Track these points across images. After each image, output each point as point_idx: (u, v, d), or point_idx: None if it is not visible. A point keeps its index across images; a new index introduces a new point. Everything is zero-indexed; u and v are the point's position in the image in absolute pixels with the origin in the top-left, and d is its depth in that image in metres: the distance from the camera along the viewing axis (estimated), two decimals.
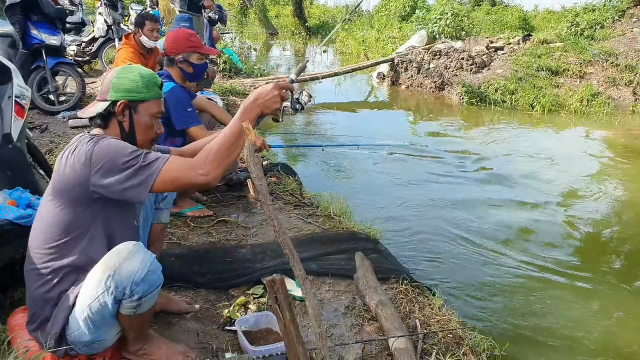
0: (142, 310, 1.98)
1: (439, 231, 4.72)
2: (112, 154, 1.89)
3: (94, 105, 2.13)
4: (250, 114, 1.97)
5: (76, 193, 1.94)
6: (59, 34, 6.30)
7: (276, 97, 1.99)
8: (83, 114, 2.16)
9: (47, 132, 5.80)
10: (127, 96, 2.10)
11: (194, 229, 3.65)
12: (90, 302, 1.90)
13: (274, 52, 19.23)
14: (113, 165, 1.88)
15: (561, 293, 3.80)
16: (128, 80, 2.10)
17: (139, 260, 1.91)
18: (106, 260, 1.91)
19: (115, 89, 2.09)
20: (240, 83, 9.48)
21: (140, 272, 1.89)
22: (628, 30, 11.72)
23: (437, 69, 10.88)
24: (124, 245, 1.95)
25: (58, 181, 1.97)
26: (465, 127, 8.51)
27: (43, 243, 2.00)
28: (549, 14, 16.74)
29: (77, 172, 1.91)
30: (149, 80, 2.15)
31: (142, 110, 2.14)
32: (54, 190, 1.99)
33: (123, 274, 1.87)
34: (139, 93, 2.12)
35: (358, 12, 21.94)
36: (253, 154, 1.96)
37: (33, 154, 3.28)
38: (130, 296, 1.90)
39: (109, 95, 2.09)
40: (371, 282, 2.91)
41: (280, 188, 4.61)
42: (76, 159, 1.91)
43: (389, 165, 6.31)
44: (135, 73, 2.13)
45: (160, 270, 1.99)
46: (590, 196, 5.61)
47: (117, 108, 2.08)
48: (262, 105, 1.98)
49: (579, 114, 8.88)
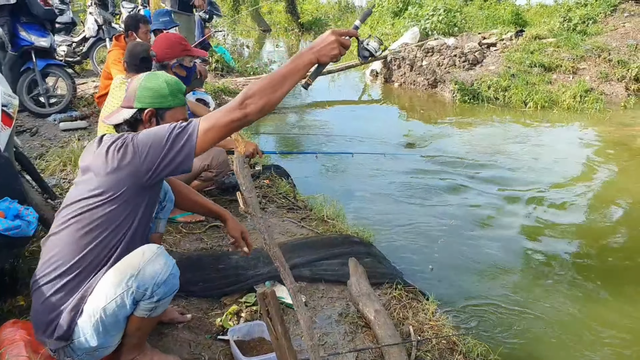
0: (156, 313, 2.02)
1: (433, 233, 4.71)
2: (152, 135, 1.91)
3: (119, 112, 2.17)
4: (301, 58, 1.82)
5: (127, 183, 1.93)
6: (48, 36, 6.24)
7: (334, 44, 1.82)
8: (108, 121, 2.20)
9: (37, 135, 5.76)
10: (154, 104, 2.13)
11: (186, 235, 3.62)
12: (106, 303, 1.91)
13: (267, 49, 19.16)
14: (157, 143, 1.88)
15: (556, 297, 3.79)
16: (154, 88, 2.14)
17: (163, 262, 1.96)
18: (128, 260, 1.94)
19: (141, 97, 2.13)
20: (232, 82, 9.44)
21: (163, 275, 1.94)
22: (620, 25, 11.73)
23: (430, 66, 10.85)
24: (148, 247, 1.99)
25: (105, 176, 1.93)
26: (459, 126, 8.50)
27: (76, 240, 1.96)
28: (542, 8, 16.69)
29: (128, 163, 1.90)
30: (175, 87, 2.19)
31: (168, 118, 2.16)
32: (97, 184, 1.95)
33: (147, 274, 1.91)
34: (166, 100, 2.15)
35: (351, 8, 21.91)
36: (243, 165, 1.94)
37: (21, 162, 3.24)
38: (150, 297, 1.94)
39: (135, 103, 2.13)
40: (365, 289, 2.90)
41: (273, 191, 4.59)
42: (125, 152, 1.91)
43: (382, 167, 6.28)
44: (162, 81, 2.16)
45: (178, 274, 2.03)
46: (586, 196, 5.61)
47: (144, 116, 2.12)
48: (317, 52, 1.81)
49: (572, 110, 8.88)
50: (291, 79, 1.82)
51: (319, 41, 1.83)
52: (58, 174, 4.50)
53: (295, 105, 10.09)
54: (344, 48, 1.85)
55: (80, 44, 8.96)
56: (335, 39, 1.82)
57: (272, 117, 8.86)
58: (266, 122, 8.51)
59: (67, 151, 4.89)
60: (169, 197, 2.54)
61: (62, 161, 4.69)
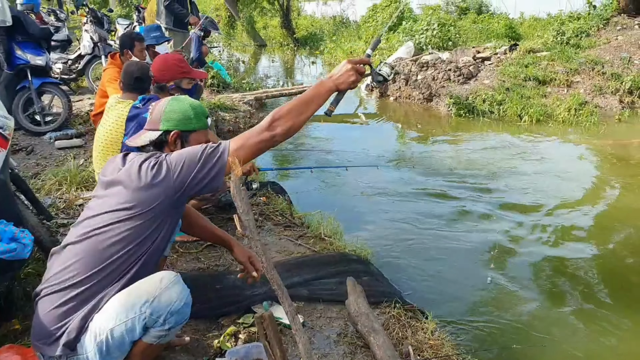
0: (165, 340, 2.02)
1: (430, 249, 4.71)
2: (185, 154, 1.98)
3: (144, 133, 2.21)
4: (322, 86, 2.02)
5: (159, 199, 1.97)
6: (44, 54, 6.25)
7: (350, 72, 2.01)
8: (132, 143, 2.22)
9: (33, 154, 5.74)
10: (179, 126, 2.18)
11: (182, 255, 3.60)
12: (114, 325, 1.89)
13: (262, 64, 19.23)
14: (190, 161, 1.95)
15: (557, 314, 3.78)
16: (179, 111, 2.19)
17: (178, 291, 1.96)
18: (144, 286, 1.94)
19: (167, 119, 2.17)
20: (228, 98, 9.43)
21: (178, 303, 1.94)
22: (613, 38, 11.82)
23: (425, 80, 10.89)
24: (166, 273, 2.00)
25: (138, 191, 1.96)
26: (454, 140, 8.52)
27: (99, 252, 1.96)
28: (535, 21, 16.82)
29: (162, 181, 1.96)
30: (199, 111, 2.24)
31: (192, 140, 2.20)
32: (128, 198, 1.97)
33: (162, 302, 1.91)
34: (190, 123, 2.20)
35: (346, 23, 22.01)
36: (240, 188, 1.93)
37: (17, 183, 3.22)
38: (162, 325, 1.93)
39: (161, 125, 2.17)
40: (363, 308, 2.88)
41: (270, 208, 4.58)
42: (158, 169, 1.96)
43: (378, 182, 6.29)
44: (187, 104, 2.22)
45: (191, 304, 2.04)
46: (585, 212, 5.59)
47: (170, 138, 2.17)
48: (336, 80, 2.02)
49: (567, 124, 8.90)
50: (314, 104, 2.02)
51: (337, 70, 2.02)
52: (54, 194, 4.48)
53: None
54: (360, 75, 2.04)
55: (76, 61, 8.96)
56: (351, 67, 2.01)
57: None
58: None
59: (62, 170, 4.87)
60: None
61: (58, 180, 4.67)
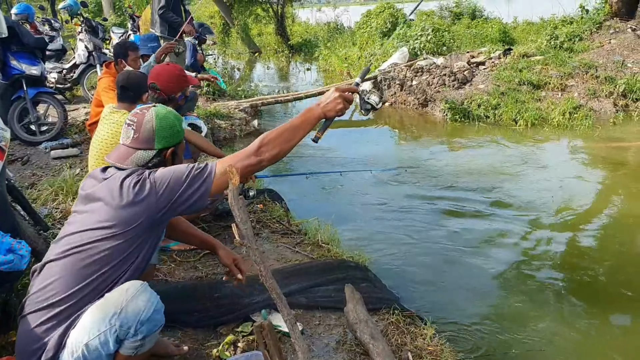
0: (143, 350, 1.98)
1: (427, 254, 4.71)
2: (171, 173, 2.00)
3: (133, 153, 2.13)
4: (310, 113, 2.07)
5: (141, 218, 1.97)
6: (39, 64, 6.25)
7: (338, 100, 2.06)
8: (121, 164, 2.12)
9: (28, 164, 5.73)
10: (172, 142, 2.21)
11: (180, 264, 3.60)
12: (88, 340, 1.87)
13: (257, 71, 19.25)
14: (175, 182, 1.98)
15: (557, 319, 3.78)
16: (170, 127, 2.19)
17: (146, 299, 1.92)
18: (111, 298, 1.91)
19: (162, 138, 2.17)
20: (224, 105, 9.44)
21: (146, 312, 1.90)
22: (606, 42, 11.87)
23: (420, 85, 10.92)
24: (130, 283, 1.96)
25: (118, 209, 1.96)
26: (450, 145, 8.54)
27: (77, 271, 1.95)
28: (529, 25, 16.87)
29: (144, 200, 1.96)
30: (180, 120, 2.28)
31: (179, 151, 2.29)
32: (108, 216, 1.96)
33: (130, 312, 1.87)
34: (179, 136, 2.26)
35: (340, 29, 22.05)
36: (237, 196, 1.93)
37: (13, 194, 3.21)
38: (134, 335, 1.90)
39: (156, 145, 2.15)
40: (362, 315, 2.87)
41: (267, 215, 4.58)
42: (140, 188, 1.96)
43: (374, 188, 6.30)
44: (172, 118, 2.23)
45: (163, 310, 2.00)
46: (582, 215, 5.60)
47: (167, 155, 2.19)
48: (324, 108, 2.07)
49: (561, 127, 8.92)
50: (302, 131, 2.07)
51: (325, 98, 2.06)
52: (50, 204, 4.47)
53: None
54: (348, 103, 2.08)
55: (71, 70, 8.96)
56: (339, 95, 2.05)
57: None
58: None
59: (58, 180, 4.87)
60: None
61: (54, 190, 4.66)
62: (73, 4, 10.25)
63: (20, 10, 9.12)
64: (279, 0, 22.39)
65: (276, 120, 10.67)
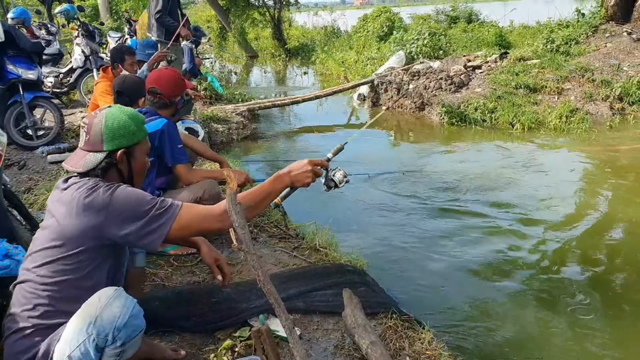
0: (126, 356, 1.94)
1: (425, 258, 4.71)
2: (131, 204, 1.93)
3: (85, 156, 2.06)
4: (280, 181, 2.10)
5: (86, 238, 1.93)
6: (35, 68, 6.25)
7: (308, 172, 2.13)
8: (77, 168, 2.06)
9: (25, 168, 5.71)
10: (124, 143, 2.08)
11: (177, 268, 3.58)
12: (70, 352, 1.84)
13: (254, 75, 19.28)
14: (132, 215, 1.92)
15: (557, 323, 3.77)
16: (121, 127, 2.07)
17: (121, 305, 1.87)
18: (87, 307, 1.88)
19: (111, 139, 2.06)
20: (221, 109, 9.44)
21: (122, 318, 1.85)
22: (602, 45, 11.92)
23: (417, 89, 10.94)
24: (104, 291, 1.92)
25: (65, 225, 1.94)
26: (447, 148, 8.56)
27: (37, 286, 1.95)
28: (525, 29, 16.94)
29: (92, 218, 1.91)
30: (138, 120, 2.15)
31: (138, 153, 2.16)
32: (57, 234, 1.95)
33: (105, 320, 1.83)
34: (134, 137, 2.12)
35: (337, 33, 22.09)
36: (235, 202, 1.93)
37: (10, 199, 3.20)
38: (112, 342, 1.86)
39: (105, 146, 2.05)
40: (360, 320, 2.86)
41: (265, 220, 4.57)
42: (90, 205, 1.91)
43: (371, 192, 6.31)
44: (125, 117, 2.10)
45: (142, 314, 1.95)
46: (581, 221, 5.61)
47: (118, 157, 2.07)
48: (294, 177, 2.11)
49: (558, 131, 8.95)
50: (269, 200, 2.11)
51: (297, 167, 2.11)
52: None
53: (283, 130, 10.13)
54: (316, 177, 2.17)
55: (68, 74, 8.96)
56: (311, 169, 2.13)
57: (261, 143, 8.89)
58: (255, 150, 8.52)
59: (55, 184, 4.84)
60: None
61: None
62: (70, 9, 10.27)
63: (16, 15, 9.11)
64: (276, 4, 22.46)
65: (274, 124, 10.68)
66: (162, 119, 3.65)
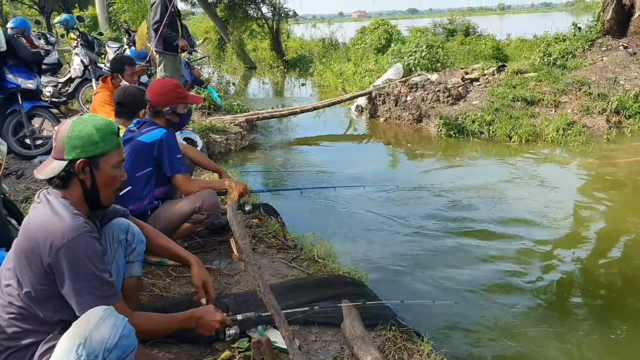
0: None
1: (424, 270, 4.70)
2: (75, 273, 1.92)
3: (51, 163, 2.04)
4: (185, 322, 2.27)
5: (44, 275, 1.93)
6: (35, 78, 6.27)
7: (215, 325, 2.28)
8: (39, 175, 2.05)
9: (23, 178, 5.70)
10: (85, 153, 2.01)
11: (176, 279, 3.57)
12: None
13: (252, 86, 19.34)
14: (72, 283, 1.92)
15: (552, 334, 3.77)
16: (83, 136, 2.00)
17: (110, 326, 1.84)
18: (76, 328, 1.84)
19: (70, 147, 1.99)
20: (219, 120, 9.46)
21: (112, 339, 1.81)
22: (598, 59, 11.99)
23: (414, 101, 10.98)
24: (94, 311, 1.88)
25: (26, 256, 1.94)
26: (444, 160, 8.58)
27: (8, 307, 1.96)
28: (522, 42, 17.06)
29: (39, 250, 1.90)
30: (105, 131, 2.06)
31: (103, 165, 2.06)
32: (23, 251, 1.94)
33: (94, 341, 1.79)
34: (97, 147, 2.03)
35: (335, 45, 22.20)
36: (236, 212, 1.94)
37: (8, 208, 3.19)
38: None
39: (66, 155, 2.00)
40: (359, 331, 2.85)
41: (263, 230, 4.56)
42: (42, 240, 1.91)
43: (369, 204, 6.31)
44: (90, 127, 2.03)
45: (133, 333, 1.92)
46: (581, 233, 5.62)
47: (76, 167, 2.00)
48: (199, 324, 2.28)
49: (555, 144, 8.98)
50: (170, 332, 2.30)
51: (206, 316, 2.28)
52: None
53: (281, 141, 10.15)
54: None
55: (66, 84, 8.98)
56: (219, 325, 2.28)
57: (259, 154, 8.90)
58: (253, 161, 8.53)
59: None
60: (139, 239, 2.47)
61: None
62: (69, 19, 10.29)
63: (16, 24, 9.15)
64: (275, 16, 22.59)
65: (272, 135, 10.70)
66: (161, 129, 3.66)
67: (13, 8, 30.73)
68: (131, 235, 2.42)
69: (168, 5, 7.52)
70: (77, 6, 29.96)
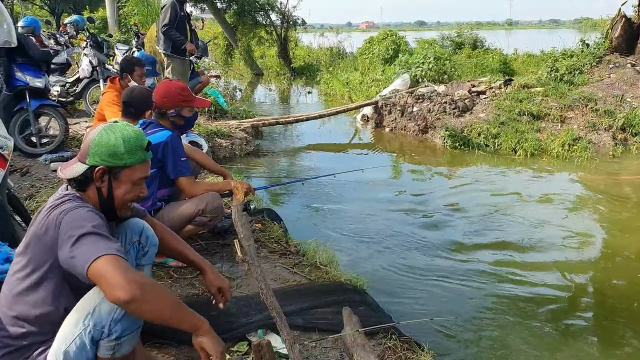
0: (121, 352, 1.91)
1: (426, 279, 4.69)
2: (73, 227, 1.82)
3: (75, 165, 2.03)
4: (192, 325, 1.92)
5: (49, 251, 1.89)
6: (43, 77, 6.29)
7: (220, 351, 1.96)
8: (62, 174, 2.04)
9: (28, 175, 5.71)
10: (106, 162, 1.98)
11: (177, 280, 3.56)
12: (66, 346, 1.81)
13: (259, 92, 19.39)
14: (69, 238, 1.81)
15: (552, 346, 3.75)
16: (108, 145, 1.98)
17: None
18: (84, 301, 1.85)
19: (94, 153, 1.98)
20: (225, 125, 9.47)
21: (120, 310, 1.81)
22: (606, 76, 11.99)
23: (421, 112, 10.98)
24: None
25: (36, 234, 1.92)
26: (449, 172, 8.57)
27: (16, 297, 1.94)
28: (529, 57, 17.08)
29: (51, 234, 1.87)
30: (133, 144, 2.02)
31: (124, 177, 2.03)
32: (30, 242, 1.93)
33: (103, 311, 1.81)
34: (120, 159, 1.99)
35: (342, 54, 22.27)
36: (241, 214, 1.93)
37: (13, 204, 3.19)
38: (108, 335, 1.83)
39: (88, 160, 1.98)
40: (359, 339, 2.84)
41: (266, 235, 4.55)
42: (51, 222, 1.87)
43: (373, 212, 6.31)
44: (118, 136, 1.99)
45: None
46: (575, 244, 5.60)
47: (95, 174, 1.98)
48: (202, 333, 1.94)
49: (561, 159, 8.97)
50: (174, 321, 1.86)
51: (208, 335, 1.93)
52: None
53: (286, 148, 10.16)
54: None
55: (74, 84, 9.02)
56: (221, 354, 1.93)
57: (264, 160, 8.91)
58: (258, 166, 8.53)
59: None
60: (152, 242, 2.40)
61: None
62: (79, 20, 10.36)
63: (27, 23, 9.21)
64: (283, 24, 22.68)
65: (277, 141, 10.71)
66: (167, 131, 3.66)
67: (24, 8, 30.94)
68: (145, 238, 2.34)
69: (178, 11, 7.56)
70: (88, 8, 30.16)
